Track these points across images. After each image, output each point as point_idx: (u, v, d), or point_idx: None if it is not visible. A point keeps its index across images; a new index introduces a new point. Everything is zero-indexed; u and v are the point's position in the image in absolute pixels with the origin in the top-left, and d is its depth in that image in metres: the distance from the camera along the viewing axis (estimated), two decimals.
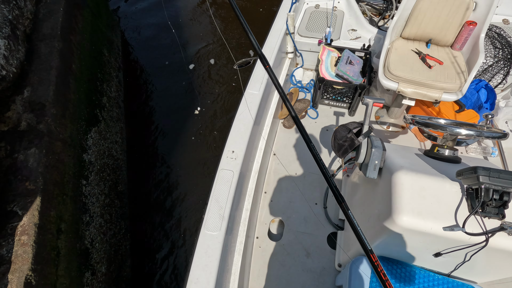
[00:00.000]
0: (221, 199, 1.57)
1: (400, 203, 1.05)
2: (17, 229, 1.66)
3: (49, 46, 2.36)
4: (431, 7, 2.08)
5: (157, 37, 4.42)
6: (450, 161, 1.32)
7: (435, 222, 1.01)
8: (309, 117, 2.63)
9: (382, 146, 1.28)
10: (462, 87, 2.00)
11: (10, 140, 1.92)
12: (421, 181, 1.08)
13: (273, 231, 2.02)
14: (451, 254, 1.10)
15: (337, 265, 1.82)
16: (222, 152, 1.76)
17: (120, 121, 3.22)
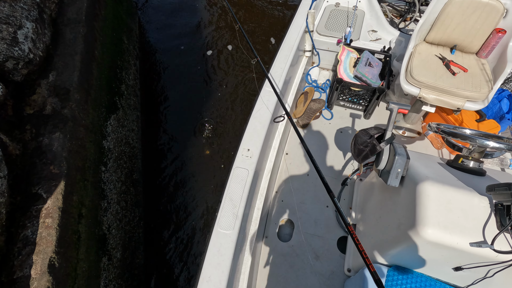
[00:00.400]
0: (235, 197, 1.56)
1: (426, 215, 1.03)
2: (42, 211, 1.68)
3: (74, 31, 2.36)
4: (460, 12, 2.01)
5: (173, 23, 4.40)
6: (474, 173, 1.29)
7: (462, 237, 0.99)
8: (324, 118, 2.60)
9: (406, 154, 1.25)
10: (487, 96, 1.96)
11: (35, 123, 1.94)
12: (447, 194, 1.06)
13: (282, 232, 2.00)
14: (472, 269, 1.08)
15: (347, 269, 1.80)
16: (237, 150, 1.74)
17: (137, 109, 3.23)
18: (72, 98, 2.08)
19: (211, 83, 3.77)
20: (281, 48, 2.31)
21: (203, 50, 4.12)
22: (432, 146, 2.41)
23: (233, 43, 4.18)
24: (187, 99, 3.63)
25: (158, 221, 2.85)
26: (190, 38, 4.26)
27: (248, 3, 4.67)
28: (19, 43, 1.94)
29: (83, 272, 1.81)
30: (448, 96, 1.99)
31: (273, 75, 2.11)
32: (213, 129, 3.36)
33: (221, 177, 3.04)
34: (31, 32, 2.04)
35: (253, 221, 1.80)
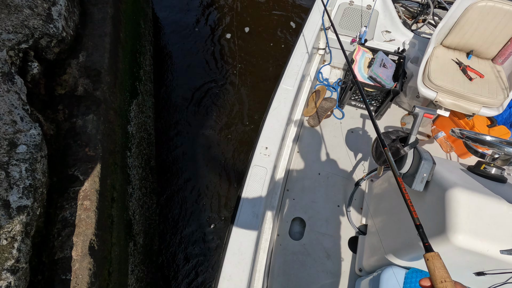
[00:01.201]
0: (255, 196, 1.55)
1: (457, 222, 1.02)
2: (79, 193, 1.66)
3: (102, 11, 2.30)
4: (480, 18, 2.02)
5: (187, 7, 4.32)
6: (496, 180, 1.30)
7: (492, 244, 0.99)
8: (335, 117, 2.58)
9: (432, 160, 1.24)
10: (502, 103, 1.99)
11: (67, 104, 1.90)
12: (477, 201, 1.06)
13: (293, 230, 2.00)
14: (493, 275, 1.09)
15: (358, 269, 1.80)
16: (255, 147, 1.74)
17: (152, 96, 3.19)
18: (104, 80, 2.04)
19: (225, 71, 3.75)
20: (297, 44, 2.29)
21: (218, 33, 4.07)
22: (441, 149, 2.47)
23: (251, 25, 4.14)
24: (200, 88, 3.60)
25: (171, 210, 2.85)
26: (204, 21, 4.20)
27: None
28: (54, 20, 1.88)
29: (116, 256, 1.81)
30: (464, 101, 2.01)
31: (290, 72, 2.11)
32: (226, 117, 3.36)
33: (240, 165, 3.06)
34: (63, 9, 1.98)
35: (268, 220, 1.80)
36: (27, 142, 1.49)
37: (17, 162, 1.42)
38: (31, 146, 1.50)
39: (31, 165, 1.46)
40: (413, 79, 2.46)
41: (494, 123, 2.23)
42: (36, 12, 1.79)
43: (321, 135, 2.46)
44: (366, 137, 2.50)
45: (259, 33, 4.14)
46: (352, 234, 1.98)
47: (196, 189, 2.95)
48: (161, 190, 2.90)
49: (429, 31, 2.99)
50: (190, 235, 2.75)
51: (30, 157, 1.47)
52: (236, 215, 1.51)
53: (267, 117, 1.86)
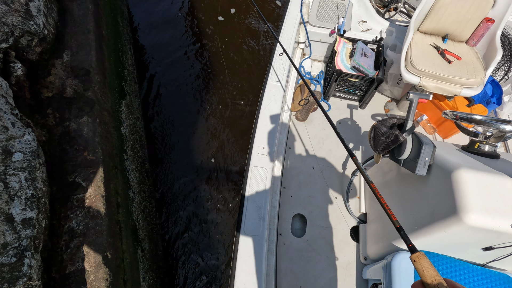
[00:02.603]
0: (258, 199, 1.52)
1: (467, 202, 1.03)
2: (84, 201, 1.54)
3: (82, 7, 2.14)
4: (454, 2, 2.08)
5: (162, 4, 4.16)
6: (490, 156, 1.32)
7: (504, 219, 1.01)
8: None
9: (432, 143, 1.25)
10: (482, 82, 2.03)
11: (57, 107, 1.75)
12: (482, 179, 1.07)
13: (295, 227, 1.97)
14: (500, 248, 1.11)
15: (363, 258, 1.81)
16: (252, 148, 1.70)
17: (138, 96, 3.05)
18: (94, 80, 1.91)
19: (208, 61, 3.66)
20: (280, 39, 2.24)
21: (196, 20, 3.96)
22: (424, 131, 2.53)
23: (236, 7, 4.05)
24: (182, 85, 3.46)
25: (169, 213, 2.74)
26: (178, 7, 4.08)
27: None
28: (33, 16, 1.72)
29: (128, 264, 1.70)
30: (446, 84, 2.05)
31: (275, 67, 2.08)
32: (214, 111, 3.28)
33: (228, 162, 3.00)
34: (42, 5, 1.82)
35: (271, 220, 1.78)
36: (22, 149, 1.35)
37: (15, 171, 1.28)
38: (28, 153, 1.36)
39: (30, 173, 1.32)
40: (393, 66, 2.51)
41: (472, 103, 2.31)
42: (13, 8, 1.63)
43: (311, 129, 2.44)
44: (354, 127, 2.52)
45: (243, 15, 4.06)
46: (353, 224, 1.98)
47: (193, 190, 2.86)
48: (158, 194, 2.78)
49: (401, 18, 3.07)
50: (192, 237, 2.66)
51: (28, 165, 1.33)
52: (242, 220, 1.47)
53: (259, 116, 1.82)
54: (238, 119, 3.27)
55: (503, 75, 2.59)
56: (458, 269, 1.26)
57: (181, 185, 2.87)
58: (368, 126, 2.54)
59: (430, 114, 2.54)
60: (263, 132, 1.75)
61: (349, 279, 1.79)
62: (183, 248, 2.59)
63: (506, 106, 2.47)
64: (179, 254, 2.57)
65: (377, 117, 2.65)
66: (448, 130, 2.47)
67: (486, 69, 2.06)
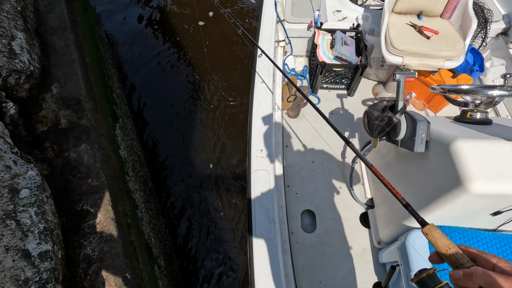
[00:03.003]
0: (265, 201, 1.52)
1: (470, 171, 1.03)
2: (95, 226, 1.56)
3: (63, 39, 2.17)
4: None
5: (133, 19, 4.20)
6: (483, 123, 1.33)
7: (507, 182, 1.02)
8: None
9: (426, 119, 1.25)
10: (462, 52, 2.07)
11: (54, 139, 1.76)
12: (480, 146, 1.08)
13: (306, 223, 1.98)
14: (508, 211, 1.12)
15: (377, 242, 1.81)
16: (250, 152, 1.71)
17: (129, 118, 3.07)
18: (86, 107, 1.93)
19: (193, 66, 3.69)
20: (259, 42, 2.26)
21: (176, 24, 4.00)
22: (415, 109, 2.56)
23: (204, 18, 4.12)
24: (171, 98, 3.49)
25: (179, 228, 2.75)
26: (153, 29, 4.12)
27: None
28: (17, 54, 1.74)
29: (147, 282, 1.71)
30: (429, 59, 2.08)
31: (261, 69, 2.10)
32: (204, 119, 3.32)
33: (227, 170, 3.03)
34: (24, 42, 1.84)
35: (281, 221, 1.78)
36: (28, 185, 1.37)
37: (24, 207, 1.30)
38: (34, 188, 1.38)
39: (39, 207, 1.34)
40: (374, 50, 2.56)
41: (456, 74, 2.34)
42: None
43: (304, 124, 2.45)
44: (346, 115, 2.55)
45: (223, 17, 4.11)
46: (361, 211, 1.99)
47: (198, 200, 2.88)
48: (164, 210, 2.79)
49: (374, 2, 3.11)
50: (205, 247, 2.67)
51: (36, 200, 1.35)
52: (252, 225, 1.47)
53: (253, 120, 1.83)
54: (231, 121, 3.31)
55: (481, 42, 2.65)
56: (470, 238, 1.28)
57: (185, 197, 2.89)
58: (360, 112, 2.57)
59: (418, 91, 2.59)
60: (259, 135, 1.76)
61: (367, 266, 1.80)
62: (198, 260, 2.61)
63: (489, 72, 2.52)
64: (195, 267, 2.58)
65: (367, 102, 2.68)
66: (438, 104, 2.51)
67: (464, 39, 2.11)
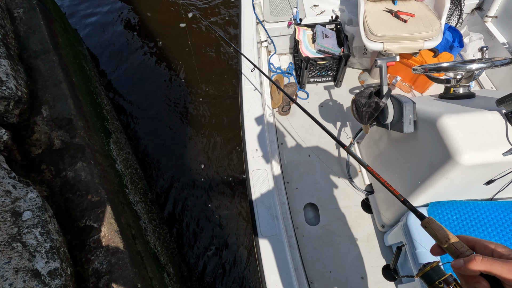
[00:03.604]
0: (266, 200, 1.55)
1: (457, 144, 1.07)
2: (101, 241, 1.58)
3: (47, 61, 2.18)
4: None
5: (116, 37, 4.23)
6: (466, 97, 1.38)
7: (494, 150, 1.05)
8: (301, 99, 2.64)
9: (411, 100, 1.28)
10: (439, 31, 2.13)
11: (50, 161, 1.78)
12: (464, 119, 1.11)
13: (309, 216, 2.02)
14: (501, 178, 1.15)
15: (381, 226, 1.85)
16: (246, 153, 1.74)
17: (122, 132, 3.08)
18: (78, 126, 1.95)
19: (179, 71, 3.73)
20: (242, 45, 2.31)
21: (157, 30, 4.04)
22: (402, 92, 2.63)
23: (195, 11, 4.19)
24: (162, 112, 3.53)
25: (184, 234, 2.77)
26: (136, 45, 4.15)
27: None
28: (4, 81, 1.76)
29: None
30: (408, 42, 2.14)
31: (247, 72, 2.14)
32: (199, 124, 3.35)
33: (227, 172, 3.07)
34: (9, 69, 1.86)
35: (284, 217, 1.82)
36: (30, 207, 1.38)
37: (28, 229, 1.32)
38: (36, 210, 1.39)
39: (43, 227, 1.36)
40: (355, 39, 2.62)
41: (437, 53, 2.40)
42: None
43: (296, 120, 2.49)
44: (336, 105, 2.60)
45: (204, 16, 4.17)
46: (362, 197, 2.03)
47: (200, 207, 2.90)
48: (168, 219, 2.81)
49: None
50: (212, 251, 2.70)
51: (39, 221, 1.37)
52: (256, 224, 1.50)
53: (245, 121, 1.87)
54: (223, 122, 3.35)
55: (457, 19, 2.71)
56: (468, 209, 1.31)
57: (186, 205, 2.91)
58: (349, 101, 2.58)
59: (402, 74, 2.65)
60: (253, 136, 1.79)
61: (373, 250, 1.84)
62: (206, 265, 2.63)
63: (468, 47, 2.60)
64: (204, 272, 2.60)
65: (355, 91, 2.75)
66: (423, 85, 2.57)
67: (440, 18, 2.17)
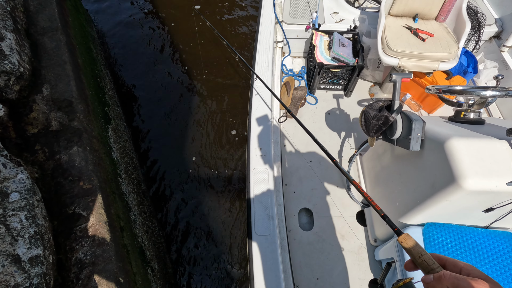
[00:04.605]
0: (264, 199, 1.54)
1: (463, 168, 1.06)
2: (87, 230, 1.54)
3: (54, 39, 2.14)
4: None
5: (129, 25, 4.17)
6: (476, 123, 1.38)
7: (498, 179, 1.05)
8: (309, 104, 2.63)
9: (421, 119, 1.28)
10: (456, 55, 2.13)
11: (45, 142, 1.74)
12: (473, 144, 1.11)
13: (303, 221, 2.01)
14: (500, 207, 1.16)
15: (373, 240, 1.85)
16: (249, 151, 1.73)
17: (122, 119, 3.03)
18: (78, 109, 1.90)
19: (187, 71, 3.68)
20: (258, 42, 2.29)
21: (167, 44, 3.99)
22: (410, 110, 2.58)
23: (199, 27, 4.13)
24: (164, 102, 3.48)
25: (173, 230, 2.73)
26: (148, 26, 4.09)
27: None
28: (7, 56, 1.71)
29: (140, 286, 1.70)
30: (424, 61, 2.15)
31: (260, 70, 2.11)
32: (203, 121, 3.31)
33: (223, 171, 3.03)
34: (14, 43, 1.81)
35: (279, 218, 1.80)
36: (18, 189, 1.34)
37: (14, 211, 1.27)
38: (24, 192, 1.35)
39: (29, 211, 1.32)
40: (371, 51, 2.60)
41: (451, 75, 2.40)
42: None
43: (302, 124, 2.49)
44: (343, 115, 2.58)
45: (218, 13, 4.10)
46: (358, 209, 2.01)
47: (193, 202, 2.86)
48: (159, 212, 2.77)
49: (371, 5, 3.18)
50: (200, 248, 2.66)
51: (26, 204, 1.32)
52: (251, 222, 1.48)
53: (252, 119, 1.85)
54: (227, 124, 3.31)
55: (474, 45, 2.71)
56: (463, 234, 1.31)
57: (179, 199, 2.87)
58: (356, 112, 2.61)
59: (413, 92, 2.63)
60: (258, 134, 1.78)
61: (363, 263, 1.83)
62: (192, 262, 2.59)
63: (482, 74, 2.59)
64: (189, 269, 2.56)
65: (363, 103, 2.73)
66: (432, 105, 2.56)
67: (458, 42, 2.16)
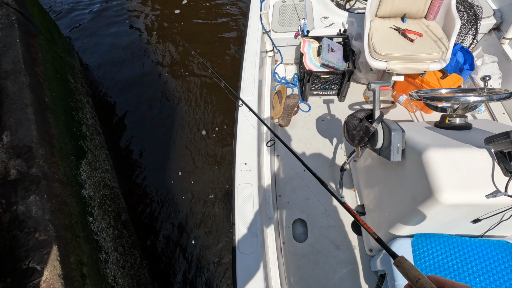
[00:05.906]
0: (248, 215, 1.51)
1: (439, 181, 1.03)
2: (41, 285, 1.51)
3: (16, 82, 2.14)
4: None
5: (113, 48, 4.19)
6: (462, 128, 1.33)
7: (477, 192, 1.00)
8: (302, 111, 2.60)
9: (400, 128, 1.25)
10: (446, 54, 2.04)
11: (2, 193, 1.73)
12: (451, 155, 1.06)
13: (297, 233, 1.98)
14: (489, 218, 1.11)
15: (368, 250, 1.81)
16: (234, 166, 1.69)
17: (104, 148, 3.03)
18: (37, 154, 1.89)
19: (171, 98, 3.65)
20: (245, 54, 2.26)
21: (156, 69, 3.97)
22: (407, 111, 2.51)
23: (183, 59, 4.09)
24: (151, 123, 3.47)
25: (159, 254, 2.71)
26: (133, 56, 4.09)
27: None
28: None
29: None
30: (413, 63, 2.06)
31: (245, 83, 2.06)
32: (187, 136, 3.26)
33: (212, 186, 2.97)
34: None
35: (269, 232, 1.75)
36: None
37: None
38: None
39: None
40: (361, 54, 2.51)
41: (446, 74, 2.28)
42: None
43: (295, 133, 2.45)
44: (337, 121, 2.53)
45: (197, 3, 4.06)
46: (353, 218, 1.95)
47: (181, 226, 2.82)
48: (141, 240, 2.75)
49: (362, 6, 3.05)
50: (189, 274, 2.63)
51: None
52: (235, 241, 1.46)
53: (237, 133, 1.81)
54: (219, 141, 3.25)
55: (471, 40, 2.54)
56: (456, 245, 1.27)
57: (167, 222, 2.84)
58: None
59: (408, 93, 2.49)
60: (243, 148, 1.74)
61: (358, 274, 1.79)
62: None
63: (480, 70, 2.42)
64: None
65: (358, 107, 2.65)
66: None
67: (448, 40, 2.05)
